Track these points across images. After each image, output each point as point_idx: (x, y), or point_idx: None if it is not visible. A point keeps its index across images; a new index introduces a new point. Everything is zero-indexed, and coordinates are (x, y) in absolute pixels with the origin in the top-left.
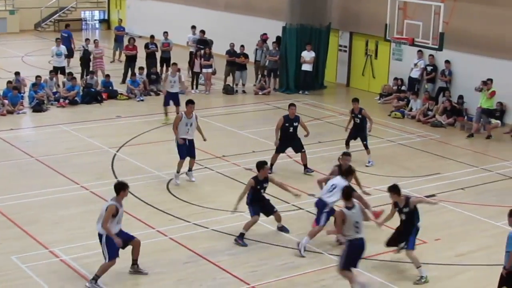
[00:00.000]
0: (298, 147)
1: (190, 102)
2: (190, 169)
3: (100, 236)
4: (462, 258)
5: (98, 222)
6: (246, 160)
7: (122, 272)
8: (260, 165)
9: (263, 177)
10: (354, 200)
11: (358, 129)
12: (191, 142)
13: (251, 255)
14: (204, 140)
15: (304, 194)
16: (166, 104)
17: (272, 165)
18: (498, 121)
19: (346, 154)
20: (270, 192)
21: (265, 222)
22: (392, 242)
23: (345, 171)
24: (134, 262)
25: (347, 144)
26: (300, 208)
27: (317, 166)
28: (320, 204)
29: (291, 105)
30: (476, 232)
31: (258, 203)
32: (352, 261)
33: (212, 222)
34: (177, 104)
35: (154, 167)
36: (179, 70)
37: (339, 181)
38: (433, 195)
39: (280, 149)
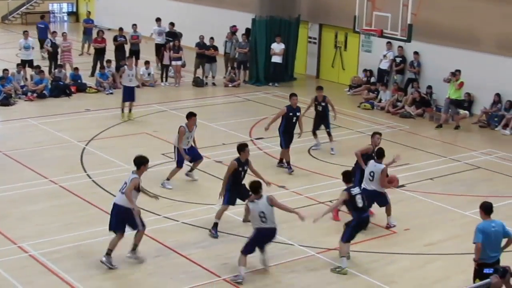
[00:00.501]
0: (290, 143)
1: (193, 115)
2: (192, 170)
3: (127, 210)
4: (431, 247)
5: (120, 195)
6: (216, 152)
7: (92, 266)
8: (241, 147)
9: (245, 159)
10: (265, 194)
11: (322, 117)
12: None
13: (222, 248)
14: (195, 145)
15: (275, 185)
16: (125, 100)
17: (288, 162)
18: (466, 112)
19: (377, 133)
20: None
21: (235, 214)
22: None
23: (377, 154)
24: (135, 247)
25: (314, 133)
26: None
27: None
28: (365, 193)
29: (293, 95)
30: (445, 222)
31: (236, 188)
32: (253, 246)
33: (182, 215)
34: (132, 99)
35: (124, 161)
36: (148, 63)
37: (376, 168)
38: (403, 186)
39: (288, 143)
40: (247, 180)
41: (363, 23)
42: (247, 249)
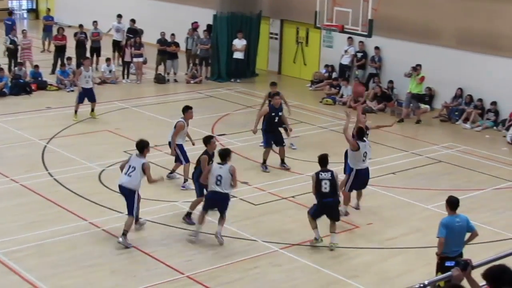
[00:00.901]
0: (280, 141)
1: (189, 108)
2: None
3: (132, 192)
4: (394, 241)
5: (127, 178)
6: None
7: (55, 265)
8: (207, 139)
9: (212, 151)
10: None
11: None
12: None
13: (185, 245)
14: (193, 144)
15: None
16: (80, 101)
17: (264, 161)
18: (427, 106)
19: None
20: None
21: (199, 211)
22: None
23: (359, 134)
24: (125, 232)
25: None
26: (234, 196)
27: (250, 154)
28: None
29: (276, 94)
30: (407, 216)
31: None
32: (207, 205)
33: (145, 212)
34: (92, 100)
35: (85, 158)
36: (109, 60)
37: (368, 147)
38: None
39: (269, 143)
40: None
41: (324, 19)
42: (203, 208)
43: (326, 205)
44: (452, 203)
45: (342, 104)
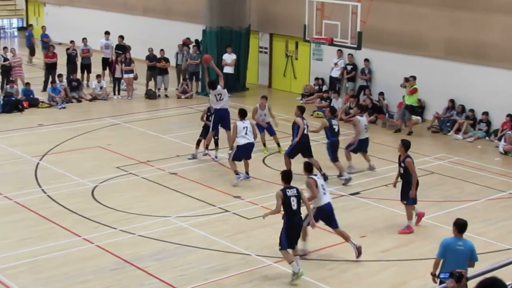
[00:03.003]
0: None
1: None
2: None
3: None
4: (387, 254)
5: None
6: (171, 164)
7: (48, 281)
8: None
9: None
10: None
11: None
12: None
13: (179, 259)
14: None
15: (230, 196)
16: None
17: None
18: (419, 117)
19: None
20: (199, 195)
21: (192, 226)
22: None
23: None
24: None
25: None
26: (226, 211)
27: (241, 168)
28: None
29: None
30: (399, 228)
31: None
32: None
33: (138, 227)
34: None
35: (78, 175)
36: (99, 76)
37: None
38: (358, 193)
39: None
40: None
41: (313, 32)
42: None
43: (296, 224)
44: (460, 226)
45: None
